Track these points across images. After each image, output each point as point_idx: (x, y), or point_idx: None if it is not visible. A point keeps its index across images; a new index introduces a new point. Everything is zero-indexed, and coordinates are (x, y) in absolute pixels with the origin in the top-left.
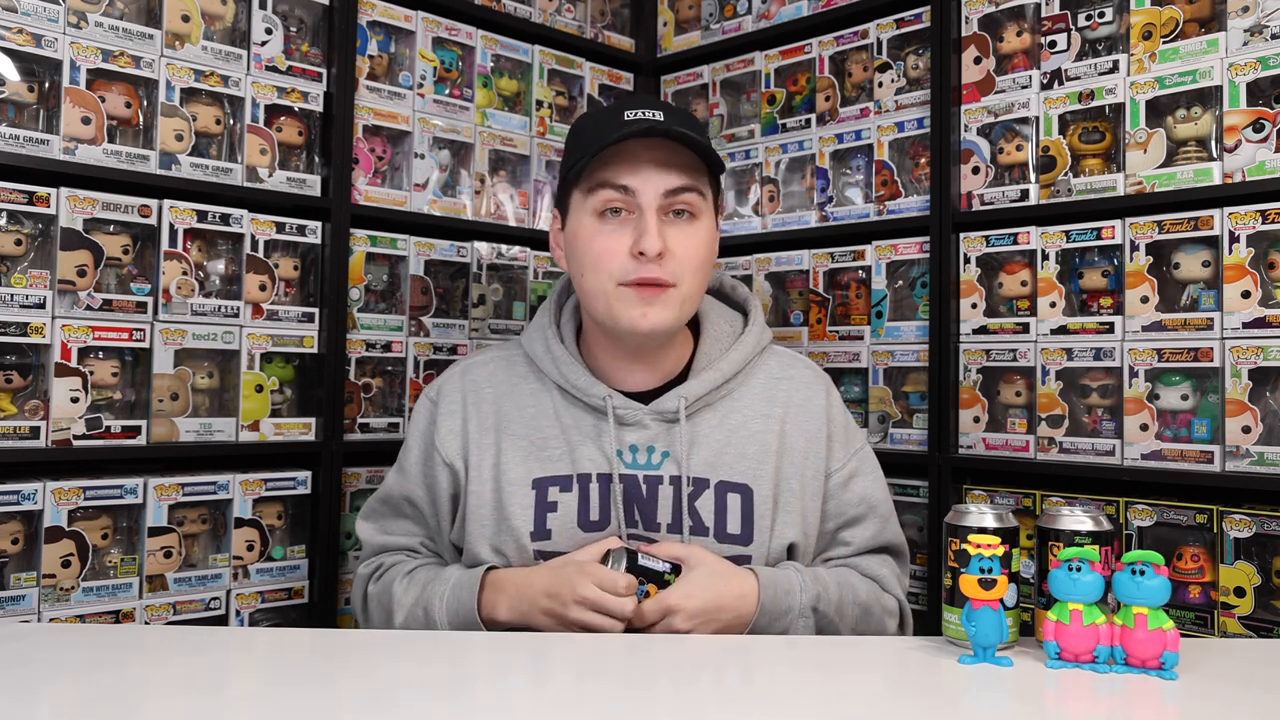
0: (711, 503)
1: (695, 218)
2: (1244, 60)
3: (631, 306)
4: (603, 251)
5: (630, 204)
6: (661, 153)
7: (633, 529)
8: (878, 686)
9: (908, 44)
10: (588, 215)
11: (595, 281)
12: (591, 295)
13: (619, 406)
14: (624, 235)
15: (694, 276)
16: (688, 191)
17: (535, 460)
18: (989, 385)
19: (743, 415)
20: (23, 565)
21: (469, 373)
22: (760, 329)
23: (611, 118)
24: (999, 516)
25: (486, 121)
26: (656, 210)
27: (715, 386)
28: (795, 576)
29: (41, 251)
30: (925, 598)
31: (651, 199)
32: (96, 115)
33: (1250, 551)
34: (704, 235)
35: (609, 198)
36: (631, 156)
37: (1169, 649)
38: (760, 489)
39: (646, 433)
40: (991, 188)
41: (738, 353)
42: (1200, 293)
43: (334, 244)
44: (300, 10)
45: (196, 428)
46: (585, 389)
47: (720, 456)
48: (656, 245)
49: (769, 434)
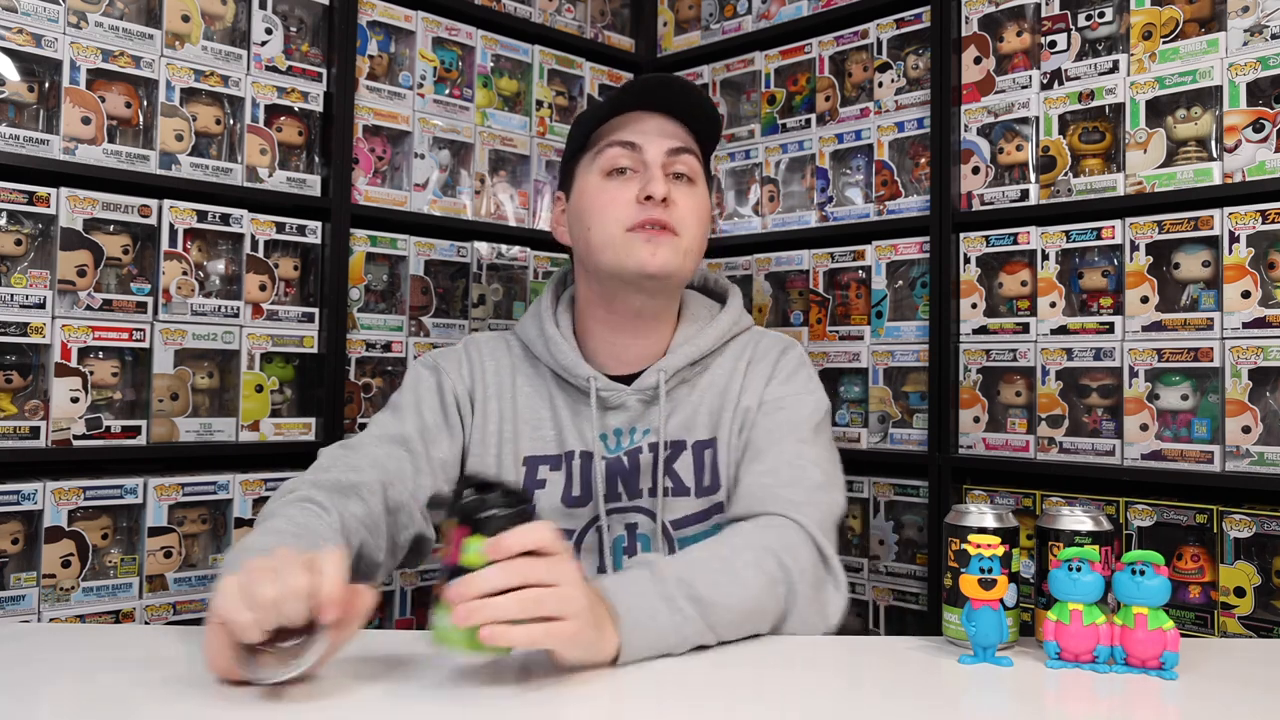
0: (690, 461)
1: (693, 182)
2: (1244, 60)
3: (640, 248)
4: (610, 200)
5: (636, 161)
6: (663, 120)
7: (615, 501)
8: (878, 686)
9: (908, 44)
10: (595, 174)
11: (602, 231)
12: (599, 247)
13: (602, 389)
14: (630, 188)
15: (693, 230)
16: (688, 153)
17: (527, 438)
18: (989, 385)
19: (713, 376)
20: (23, 565)
21: (470, 346)
22: (737, 311)
23: (616, 92)
24: (999, 516)
25: (486, 121)
26: (661, 165)
27: (692, 360)
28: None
29: (41, 251)
30: (925, 598)
31: (656, 155)
32: (96, 115)
33: (1250, 551)
34: (702, 197)
35: (615, 154)
36: (636, 119)
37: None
38: (722, 435)
39: (629, 414)
40: (991, 188)
41: (714, 329)
42: (1200, 293)
43: (334, 244)
44: (300, 10)
45: (196, 428)
46: (571, 369)
47: (694, 417)
48: (663, 189)
49: (733, 386)
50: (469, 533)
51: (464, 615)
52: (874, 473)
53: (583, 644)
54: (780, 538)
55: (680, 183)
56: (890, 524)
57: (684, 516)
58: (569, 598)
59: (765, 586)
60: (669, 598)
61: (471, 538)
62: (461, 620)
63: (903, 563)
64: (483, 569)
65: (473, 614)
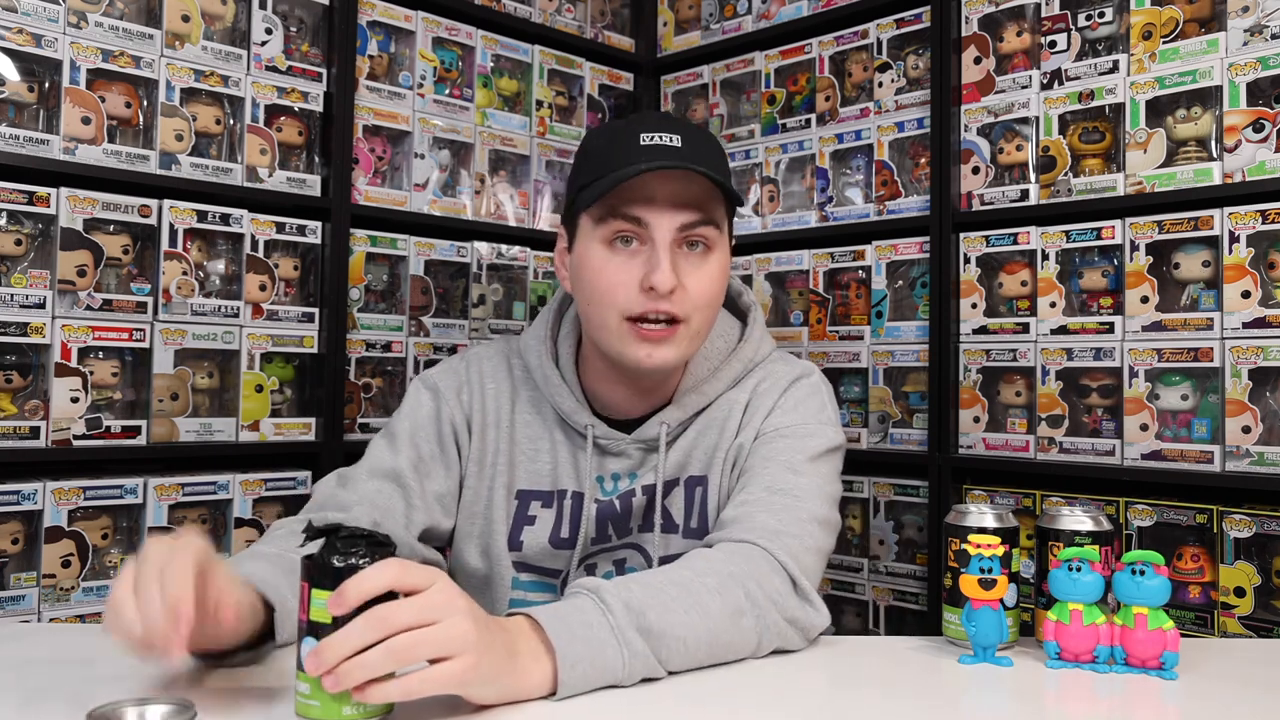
0: (682, 498)
1: (709, 250)
2: (1244, 60)
3: (638, 346)
4: (611, 284)
5: (643, 235)
6: (678, 182)
7: (604, 543)
8: (878, 686)
9: (908, 44)
10: (597, 243)
11: (601, 314)
12: (597, 327)
13: (600, 436)
14: (634, 267)
15: (704, 313)
16: (703, 225)
17: (523, 470)
18: (989, 385)
19: (714, 412)
20: (23, 565)
21: (472, 365)
22: (755, 343)
23: (627, 141)
24: (999, 516)
25: (486, 121)
26: (670, 244)
27: (697, 411)
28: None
29: (41, 251)
30: (925, 598)
31: (666, 234)
32: (96, 115)
33: (1250, 551)
34: (717, 269)
35: (620, 228)
36: (645, 186)
37: (1169, 649)
38: (713, 474)
39: (629, 462)
40: (991, 188)
41: (727, 373)
42: (1200, 293)
43: (334, 244)
44: (300, 10)
45: (196, 428)
46: (570, 414)
47: (690, 455)
48: (669, 282)
49: (732, 422)
50: (309, 588)
51: (332, 684)
52: (874, 473)
53: (487, 678)
54: (747, 565)
55: (694, 253)
56: (890, 524)
57: (673, 555)
58: (450, 634)
59: (729, 617)
60: (616, 629)
61: (316, 592)
62: (331, 688)
63: (903, 563)
64: (340, 627)
65: (341, 680)
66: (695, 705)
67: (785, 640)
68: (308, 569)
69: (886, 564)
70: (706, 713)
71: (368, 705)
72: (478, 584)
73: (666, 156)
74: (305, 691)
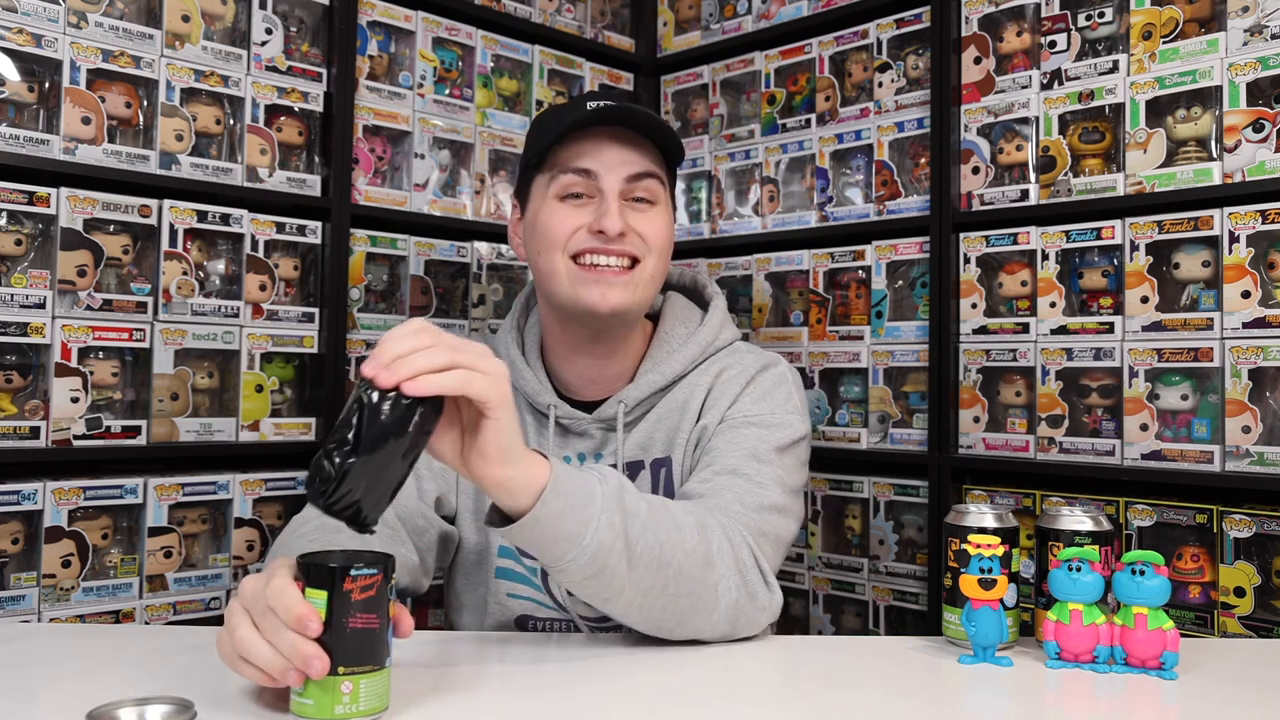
0: (649, 481)
1: (654, 204)
2: (1244, 60)
3: (591, 288)
4: (562, 227)
5: (592, 188)
6: (623, 141)
7: None
8: (878, 686)
9: (908, 44)
10: (549, 199)
11: (550, 260)
12: (549, 275)
13: (562, 416)
14: (584, 215)
15: (655, 257)
16: (648, 178)
17: None
18: (989, 385)
19: (676, 394)
20: (23, 565)
21: None
22: (715, 328)
23: (574, 107)
24: (999, 516)
25: (486, 121)
26: (618, 195)
27: (655, 390)
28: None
29: (41, 251)
30: (925, 598)
31: (613, 184)
32: (96, 115)
33: (1250, 551)
34: (663, 219)
35: (570, 182)
36: (594, 142)
37: (1169, 649)
38: (676, 454)
39: (591, 442)
40: (991, 188)
41: (684, 353)
42: (1200, 293)
43: (334, 244)
44: (300, 10)
45: (196, 428)
46: (533, 395)
47: (652, 436)
48: (618, 225)
49: (694, 403)
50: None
51: (388, 378)
52: (874, 473)
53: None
54: (723, 521)
55: (640, 205)
56: (890, 524)
57: None
58: (492, 362)
59: (696, 549)
60: (604, 495)
61: (310, 590)
62: (386, 381)
63: (903, 563)
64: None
65: (397, 370)
66: (696, 705)
67: (739, 610)
68: (303, 569)
69: (886, 564)
70: (705, 712)
71: (360, 704)
72: (474, 560)
73: (613, 110)
74: (300, 691)
